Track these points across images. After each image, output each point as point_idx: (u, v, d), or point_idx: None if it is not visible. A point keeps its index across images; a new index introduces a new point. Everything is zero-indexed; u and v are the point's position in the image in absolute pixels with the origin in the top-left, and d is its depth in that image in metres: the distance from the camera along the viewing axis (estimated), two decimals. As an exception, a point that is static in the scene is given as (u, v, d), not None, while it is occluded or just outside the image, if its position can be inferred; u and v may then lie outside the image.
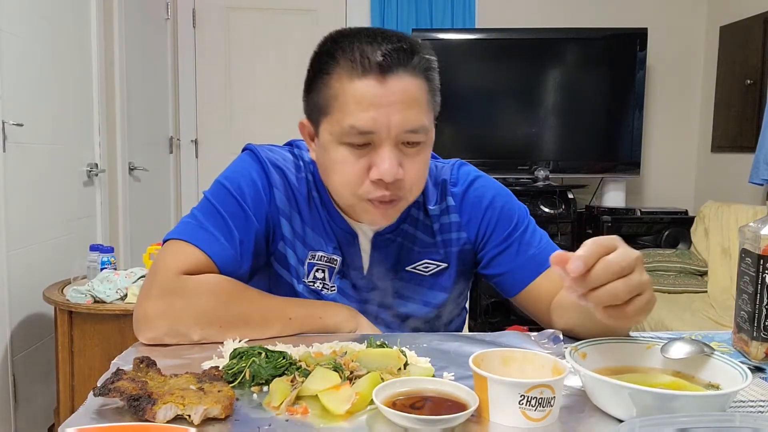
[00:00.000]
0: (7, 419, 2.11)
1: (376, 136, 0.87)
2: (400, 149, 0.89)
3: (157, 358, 0.77)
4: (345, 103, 0.87)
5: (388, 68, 0.86)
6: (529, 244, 1.04)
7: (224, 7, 3.74)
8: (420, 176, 0.93)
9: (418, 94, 0.89)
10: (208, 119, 3.81)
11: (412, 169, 0.90)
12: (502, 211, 1.05)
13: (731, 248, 3.09)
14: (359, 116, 0.86)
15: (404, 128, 0.88)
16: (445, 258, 1.05)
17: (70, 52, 2.57)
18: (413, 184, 0.92)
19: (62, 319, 2.04)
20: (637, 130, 3.60)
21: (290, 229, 1.01)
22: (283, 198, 1.00)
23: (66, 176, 2.54)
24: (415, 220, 1.04)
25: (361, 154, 0.89)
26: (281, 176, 1.00)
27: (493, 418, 0.65)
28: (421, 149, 0.92)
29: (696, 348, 0.75)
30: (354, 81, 0.87)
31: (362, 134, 0.87)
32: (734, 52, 3.49)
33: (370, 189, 0.90)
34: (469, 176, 1.07)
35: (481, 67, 3.66)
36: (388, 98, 0.86)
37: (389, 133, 0.87)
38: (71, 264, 2.36)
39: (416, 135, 0.89)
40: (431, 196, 1.05)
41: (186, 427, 0.61)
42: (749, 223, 0.89)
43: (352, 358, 0.77)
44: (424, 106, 0.91)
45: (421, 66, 0.90)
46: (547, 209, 3.46)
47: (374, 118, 0.86)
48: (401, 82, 0.87)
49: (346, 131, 0.88)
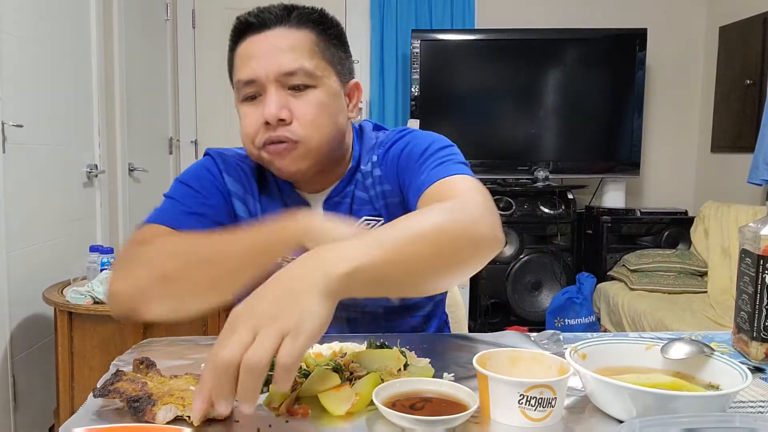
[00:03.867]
0: (7, 420, 2.11)
1: (260, 84, 0.95)
2: (288, 94, 0.96)
3: (157, 359, 0.77)
4: (236, 66, 0.99)
5: (262, 25, 0.96)
6: (421, 172, 0.97)
7: (224, 7, 3.74)
8: (312, 119, 0.96)
9: (297, 42, 0.96)
10: (208, 120, 3.81)
11: (300, 111, 0.95)
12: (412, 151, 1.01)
13: (731, 248, 3.09)
14: (242, 70, 0.96)
15: (281, 71, 0.94)
16: (380, 212, 1.06)
17: (70, 52, 2.57)
18: (306, 126, 0.95)
19: (62, 320, 2.04)
20: (637, 130, 3.60)
21: (244, 209, 1.06)
22: (233, 182, 1.06)
23: (66, 177, 2.54)
24: (356, 181, 1.07)
25: (255, 106, 0.96)
26: (231, 163, 1.07)
27: (494, 417, 0.65)
28: (311, 92, 0.96)
29: (696, 348, 0.75)
30: (240, 44, 0.98)
31: (248, 84, 0.96)
32: (734, 52, 3.49)
33: (262, 135, 0.96)
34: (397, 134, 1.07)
35: (481, 68, 3.66)
36: (264, 49, 0.95)
37: (268, 77, 0.94)
38: (71, 265, 2.35)
39: (296, 77, 0.95)
40: (365, 158, 1.08)
41: (183, 427, 0.61)
42: (749, 224, 0.89)
43: (351, 358, 0.77)
44: (306, 52, 0.96)
45: (303, 18, 0.98)
46: (547, 210, 3.46)
47: (253, 67, 0.95)
48: (276, 35, 0.96)
49: (239, 88, 0.97)
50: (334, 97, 0.99)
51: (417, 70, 3.53)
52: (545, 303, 3.40)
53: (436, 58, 3.56)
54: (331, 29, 1.01)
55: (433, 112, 3.57)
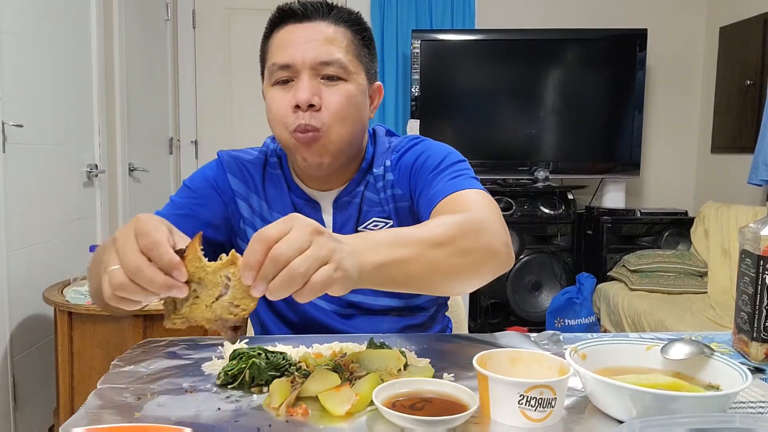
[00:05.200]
0: (7, 420, 2.11)
1: (295, 69, 0.98)
2: (320, 83, 0.99)
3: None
4: (271, 51, 1.02)
5: (304, 16, 1.01)
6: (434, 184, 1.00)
7: (224, 7, 3.74)
8: (339, 110, 0.98)
9: (335, 36, 1.00)
10: (208, 120, 3.81)
11: (330, 100, 0.98)
12: (427, 161, 1.04)
13: (731, 249, 3.09)
14: (279, 54, 0.99)
15: (318, 59, 0.98)
16: (389, 215, 1.09)
17: (70, 52, 2.57)
18: (332, 116, 0.98)
19: (62, 320, 2.04)
20: (637, 130, 3.60)
21: (248, 209, 1.09)
22: (238, 182, 1.09)
23: (66, 177, 2.54)
24: (366, 182, 1.09)
25: (286, 90, 0.99)
26: (237, 163, 1.10)
27: (494, 417, 0.65)
28: (341, 85, 1.00)
29: (696, 349, 0.75)
30: (279, 31, 1.02)
31: (283, 68, 0.99)
32: (734, 52, 3.49)
33: (292, 119, 0.98)
34: (411, 141, 1.11)
35: (481, 68, 3.66)
36: (303, 38, 0.99)
37: (304, 63, 0.98)
38: (71, 265, 2.35)
39: (331, 67, 0.98)
40: (377, 161, 1.10)
41: (183, 427, 0.61)
42: (749, 224, 0.89)
43: (352, 359, 0.77)
44: (342, 47, 1.01)
45: (342, 17, 1.02)
46: (547, 210, 3.46)
47: (291, 53, 0.98)
48: (316, 26, 1.00)
49: (272, 71, 1.00)
50: (361, 94, 1.03)
51: (417, 71, 3.53)
52: (545, 303, 3.40)
53: (436, 58, 3.56)
54: (365, 32, 1.06)
55: (433, 112, 3.57)
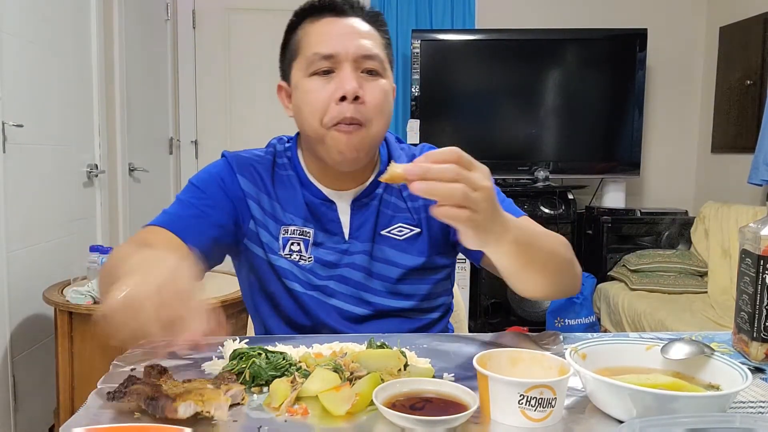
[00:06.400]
0: (7, 420, 2.11)
1: (337, 60, 0.98)
2: (361, 76, 0.99)
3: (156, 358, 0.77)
4: (309, 41, 1.01)
5: (342, 11, 1.02)
6: None
7: (224, 7, 3.74)
8: (379, 104, 0.99)
9: (371, 33, 1.02)
10: (208, 120, 3.81)
11: (371, 94, 0.99)
12: None
13: (731, 249, 3.09)
14: (321, 44, 0.99)
15: (361, 52, 0.98)
16: (418, 223, 1.08)
17: (70, 52, 2.57)
18: (374, 110, 0.99)
19: (62, 320, 2.04)
20: (637, 130, 3.60)
21: (259, 210, 1.06)
22: (247, 182, 1.07)
23: (66, 177, 2.54)
24: (389, 187, 1.09)
25: (326, 81, 0.98)
26: (245, 163, 1.08)
27: (494, 417, 0.65)
28: (380, 80, 1.01)
29: (696, 349, 0.75)
30: (314, 22, 1.02)
31: (325, 58, 0.98)
32: (734, 52, 3.49)
33: (336, 113, 0.97)
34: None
35: (481, 68, 3.66)
36: (345, 30, 1.00)
37: (348, 55, 0.98)
38: (71, 265, 2.35)
39: (373, 61, 0.99)
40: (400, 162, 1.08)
41: (183, 427, 0.61)
42: (749, 224, 0.89)
43: (352, 359, 0.77)
44: (379, 44, 1.02)
45: (372, 18, 1.04)
46: (547, 210, 3.46)
47: (334, 44, 0.98)
48: (356, 22, 1.02)
49: (312, 60, 0.99)
50: (391, 90, 1.05)
51: (417, 71, 3.53)
52: (545, 303, 3.40)
53: (436, 58, 3.56)
54: (388, 35, 1.08)
55: (433, 112, 3.57)
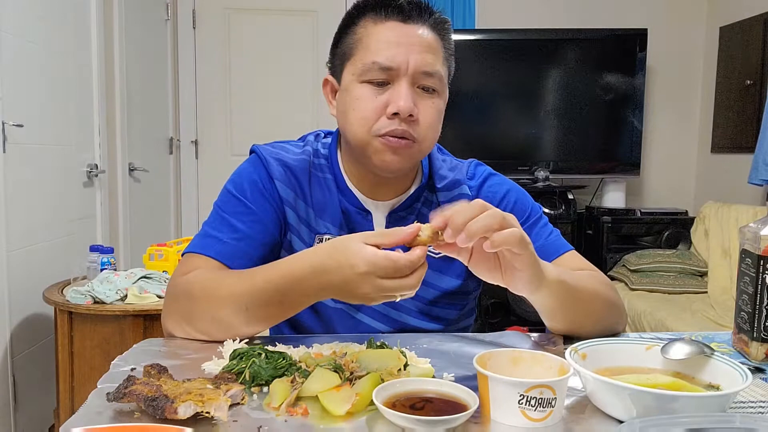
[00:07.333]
0: (7, 420, 2.11)
1: (395, 73, 0.93)
2: (416, 92, 0.94)
3: (155, 358, 0.77)
4: (368, 44, 0.94)
5: (409, 16, 0.94)
6: (538, 236, 1.04)
7: (224, 7, 3.74)
8: (432, 123, 0.96)
9: (435, 45, 0.96)
10: (208, 120, 3.81)
11: (426, 112, 0.95)
12: (516, 204, 1.07)
13: (731, 249, 3.09)
14: (381, 53, 0.93)
15: (422, 68, 0.93)
16: None
17: (70, 52, 2.57)
18: (426, 129, 0.95)
19: (62, 320, 2.04)
20: (637, 130, 3.60)
21: (295, 217, 1.03)
22: (285, 188, 1.02)
23: (66, 177, 2.54)
24: (428, 201, 1.06)
25: (379, 92, 0.94)
26: (282, 167, 1.03)
27: (494, 417, 0.65)
28: (435, 99, 0.96)
29: (696, 349, 0.75)
30: (377, 24, 0.95)
31: (383, 70, 0.93)
32: (734, 52, 3.49)
33: (385, 124, 0.93)
34: (485, 172, 1.12)
35: (481, 68, 3.66)
36: (409, 39, 0.93)
37: (407, 70, 0.93)
38: (71, 264, 2.35)
39: (431, 79, 0.94)
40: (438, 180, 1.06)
41: (183, 427, 0.60)
42: (749, 224, 0.89)
43: (352, 358, 0.77)
44: (441, 59, 0.97)
45: (438, 25, 0.97)
46: (547, 210, 3.46)
47: (395, 55, 0.92)
48: (422, 31, 0.95)
49: (368, 68, 0.93)
50: (444, 109, 1.00)
51: (417, 70, 3.52)
52: (545, 303, 3.39)
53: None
54: (452, 44, 1.01)
55: (434, 112, 3.56)
